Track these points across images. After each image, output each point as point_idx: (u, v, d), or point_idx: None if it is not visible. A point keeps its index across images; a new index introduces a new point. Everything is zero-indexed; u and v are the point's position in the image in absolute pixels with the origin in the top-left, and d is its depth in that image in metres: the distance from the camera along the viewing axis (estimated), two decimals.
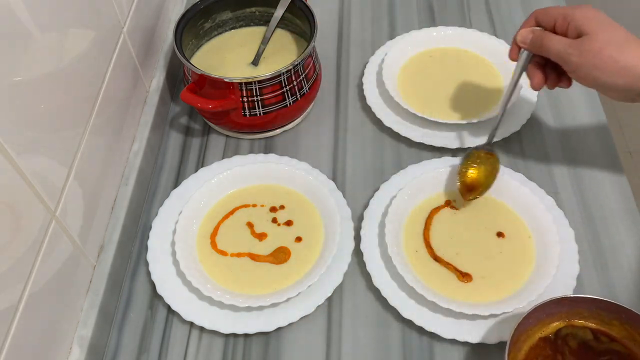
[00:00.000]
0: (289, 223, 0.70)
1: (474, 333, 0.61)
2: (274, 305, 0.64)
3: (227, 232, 0.70)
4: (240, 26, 0.86)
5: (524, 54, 0.66)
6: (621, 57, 0.59)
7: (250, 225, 0.70)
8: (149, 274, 0.67)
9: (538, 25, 0.65)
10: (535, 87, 0.66)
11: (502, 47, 0.85)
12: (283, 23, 0.85)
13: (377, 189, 0.73)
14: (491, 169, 0.70)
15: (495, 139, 0.77)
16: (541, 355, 0.56)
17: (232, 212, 0.71)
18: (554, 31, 0.64)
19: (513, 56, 0.67)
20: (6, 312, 0.48)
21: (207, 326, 0.63)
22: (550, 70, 0.66)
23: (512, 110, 0.80)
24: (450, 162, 0.75)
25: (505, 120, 0.79)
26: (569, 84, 0.66)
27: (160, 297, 0.66)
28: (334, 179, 0.76)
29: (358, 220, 0.71)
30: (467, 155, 0.72)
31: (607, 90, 0.62)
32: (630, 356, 0.56)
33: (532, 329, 0.57)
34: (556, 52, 0.62)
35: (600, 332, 0.57)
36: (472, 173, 0.70)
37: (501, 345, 0.62)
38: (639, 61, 0.58)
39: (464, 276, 0.65)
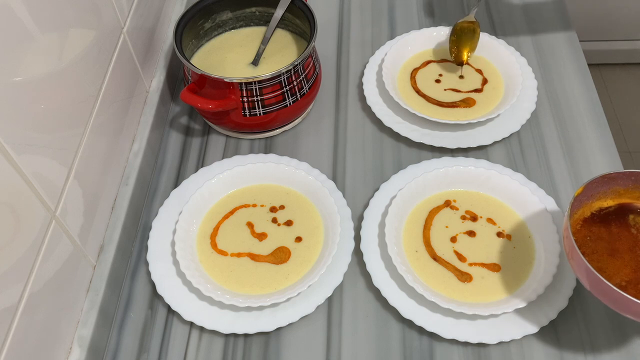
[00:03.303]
0: (289, 223, 0.70)
1: (474, 333, 0.61)
2: (274, 305, 0.64)
3: (227, 232, 0.70)
4: (240, 26, 0.86)
5: None
6: None
7: (250, 225, 0.70)
8: (149, 274, 0.68)
9: None
10: None
11: (502, 48, 0.85)
12: (283, 23, 0.85)
13: (377, 189, 0.73)
14: (473, 32, 0.84)
15: (495, 139, 0.77)
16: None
17: (232, 212, 0.72)
18: None
19: None
20: (6, 312, 0.48)
21: (207, 326, 0.63)
22: None
23: (512, 110, 0.80)
24: (450, 162, 0.75)
25: (505, 120, 0.79)
26: None
27: (160, 297, 0.66)
28: (334, 179, 0.76)
29: (358, 220, 0.71)
30: (454, 28, 0.86)
31: None
32: None
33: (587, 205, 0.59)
34: None
35: None
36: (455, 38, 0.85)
37: (501, 345, 0.62)
38: None
39: (464, 276, 0.65)
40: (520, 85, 0.79)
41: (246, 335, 0.64)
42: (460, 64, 0.83)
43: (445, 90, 0.83)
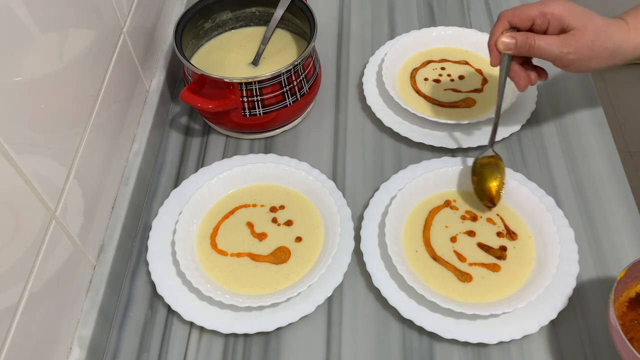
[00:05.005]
0: (289, 223, 0.70)
1: (474, 333, 0.61)
2: (274, 305, 0.64)
3: (227, 232, 0.70)
4: (240, 26, 0.86)
5: (506, 58, 0.65)
6: (609, 44, 0.62)
7: (250, 225, 0.70)
8: (149, 274, 0.68)
9: (512, 27, 0.65)
10: (522, 89, 0.67)
11: None
12: (283, 23, 0.85)
13: (377, 189, 0.73)
14: (500, 172, 0.70)
15: (495, 139, 0.77)
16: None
17: (232, 212, 0.72)
18: (531, 30, 0.64)
19: (496, 63, 0.66)
20: (6, 312, 0.48)
21: (207, 326, 0.63)
22: (530, 67, 0.67)
23: (512, 110, 0.80)
24: (450, 162, 0.75)
25: (505, 120, 0.79)
26: (547, 76, 0.68)
27: (160, 297, 0.66)
28: (334, 179, 0.76)
29: (358, 220, 0.71)
30: (474, 166, 0.71)
31: (593, 70, 0.66)
32: None
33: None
34: (551, 53, 0.63)
35: None
36: (492, 184, 0.70)
37: (501, 345, 0.62)
38: (622, 40, 0.63)
39: (464, 276, 0.65)
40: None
41: (246, 335, 0.64)
42: (492, 204, 0.69)
43: (445, 90, 0.83)
